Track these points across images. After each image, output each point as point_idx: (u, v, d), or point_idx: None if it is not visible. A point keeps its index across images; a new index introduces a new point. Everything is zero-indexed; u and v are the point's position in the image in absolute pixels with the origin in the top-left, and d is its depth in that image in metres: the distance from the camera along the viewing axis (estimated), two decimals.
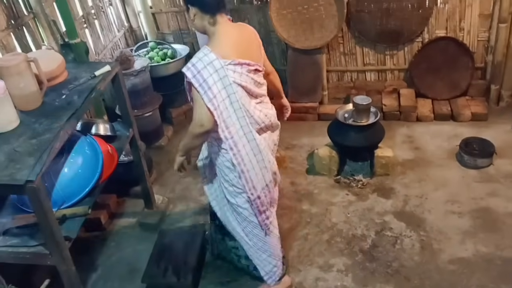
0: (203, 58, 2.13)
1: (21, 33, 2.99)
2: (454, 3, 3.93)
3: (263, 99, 2.40)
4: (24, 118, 2.26)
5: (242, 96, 2.21)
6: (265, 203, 2.44)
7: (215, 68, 2.12)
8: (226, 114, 2.20)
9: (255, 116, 2.30)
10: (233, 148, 2.26)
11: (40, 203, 1.95)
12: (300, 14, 3.99)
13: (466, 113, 3.98)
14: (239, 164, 2.29)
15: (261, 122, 2.34)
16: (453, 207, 3.15)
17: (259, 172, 2.34)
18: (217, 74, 2.12)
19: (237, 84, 2.18)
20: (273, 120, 2.44)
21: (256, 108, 2.33)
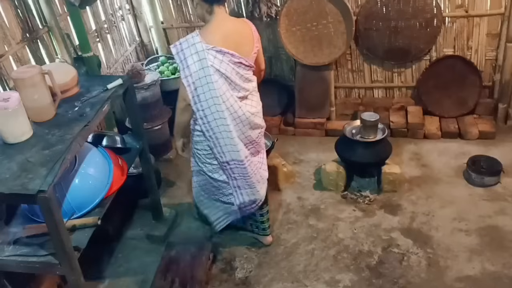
0: (189, 40, 2.44)
1: (36, 46, 3.05)
2: (462, 22, 3.97)
3: (247, 95, 2.64)
4: (37, 129, 2.29)
5: (218, 81, 2.45)
6: (235, 172, 2.70)
7: (196, 50, 2.41)
8: (201, 91, 2.47)
9: (231, 107, 2.53)
10: (203, 118, 2.55)
11: (51, 213, 1.97)
12: (309, 31, 4.04)
13: (474, 131, 3.99)
14: (207, 131, 2.58)
15: (236, 117, 2.57)
16: (460, 225, 3.14)
17: (225, 146, 2.61)
18: (197, 55, 2.41)
19: (215, 69, 2.43)
20: (252, 119, 2.64)
21: (237, 101, 2.56)
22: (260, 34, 4.32)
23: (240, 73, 2.53)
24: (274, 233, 3.22)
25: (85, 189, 2.39)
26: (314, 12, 3.95)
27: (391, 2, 3.92)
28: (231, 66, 2.47)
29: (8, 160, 2.08)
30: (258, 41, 2.66)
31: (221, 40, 2.44)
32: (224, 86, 2.48)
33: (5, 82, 2.74)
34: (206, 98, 2.48)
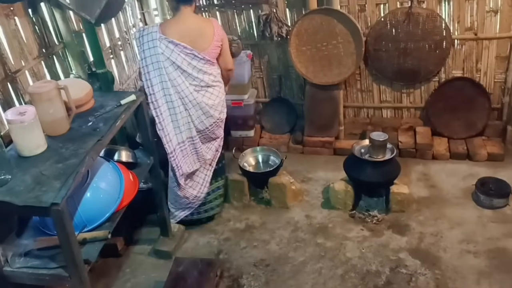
0: (149, 28, 2.91)
1: (51, 61, 3.11)
2: (471, 45, 4.00)
3: (205, 86, 3.00)
4: (52, 142, 2.33)
5: (168, 67, 2.87)
6: (179, 159, 3.08)
7: (152, 38, 2.85)
8: (153, 74, 2.89)
9: (182, 92, 2.93)
10: (154, 102, 2.95)
11: (63, 225, 2.00)
12: (319, 51, 4.09)
13: (482, 153, 3.99)
14: (157, 117, 2.96)
15: (188, 101, 2.96)
16: (468, 247, 3.13)
17: (173, 130, 3.01)
18: (152, 42, 2.85)
19: (166, 57, 2.85)
20: (208, 109, 3.04)
21: (188, 88, 2.94)
22: (271, 53, 4.45)
23: (193, 64, 2.91)
24: (281, 251, 3.22)
25: (96, 203, 2.42)
26: (324, 32, 4.01)
27: (401, 24, 3.97)
28: (182, 56, 2.88)
29: (22, 173, 2.12)
30: (220, 40, 3.02)
31: (176, 33, 2.87)
32: (175, 73, 2.90)
33: (21, 96, 2.80)
34: (157, 81, 2.91)
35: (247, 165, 3.82)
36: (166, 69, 2.88)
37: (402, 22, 3.96)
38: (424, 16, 3.90)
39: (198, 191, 3.38)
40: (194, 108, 3.02)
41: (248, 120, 4.45)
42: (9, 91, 2.73)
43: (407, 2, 3.91)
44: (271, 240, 3.34)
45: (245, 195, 3.71)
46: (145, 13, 4.46)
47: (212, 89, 3.07)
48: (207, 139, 3.24)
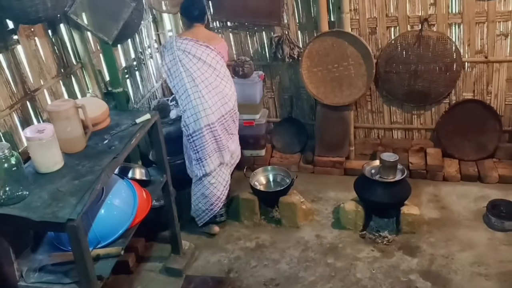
0: (169, 40, 3.50)
1: (69, 81, 3.20)
2: (481, 67, 4.03)
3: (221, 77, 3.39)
4: (68, 160, 2.39)
5: (183, 59, 3.29)
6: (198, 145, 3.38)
7: (171, 45, 3.34)
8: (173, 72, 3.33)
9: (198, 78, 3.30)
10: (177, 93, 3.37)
11: (78, 241, 2.04)
12: (330, 72, 4.15)
13: (493, 175, 3.99)
14: (180, 104, 3.37)
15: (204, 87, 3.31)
16: (480, 269, 3.11)
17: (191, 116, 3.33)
18: (171, 48, 3.33)
19: (182, 51, 3.29)
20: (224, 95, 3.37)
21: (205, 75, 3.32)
22: (282, 74, 4.52)
23: (207, 52, 3.31)
24: (291, 270, 3.23)
25: (110, 220, 2.47)
26: (336, 54, 4.07)
27: (411, 46, 4.02)
28: (195, 46, 3.29)
29: (39, 189, 2.17)
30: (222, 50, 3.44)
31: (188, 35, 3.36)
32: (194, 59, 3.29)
33: (39, 114, 2.87)
34: (176, 75, 3.32)
35: (258, 184, 3.85)
36: (183, 67, 3.28)
37: (413, 45, 4.01)
38: (435, 39, 3.95)
39: (221, 192, 3.54)
40: (211, 92, 3.31)
41: (259, 140, 4.49)
42: (28, 109, 2.81)
43: (418, 25, 3.96)
44: (282, 259, 3.35)
45: (256, 214, 3.73)
46: (160, 34, 4.56)
47: (225, 80, 3.41)
48: (225, 131, 3.45)
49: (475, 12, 3.84)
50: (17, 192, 2.09)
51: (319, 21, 4.04)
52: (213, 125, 3.33)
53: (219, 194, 3.54)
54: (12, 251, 2.26)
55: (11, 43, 2.68)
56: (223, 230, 3.67)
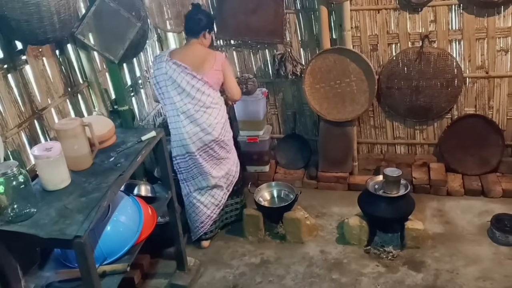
0: (161, 53, 3.43)
1: (76, 99, 3.25)
2: (482, 82, 4.07)
3: (203, 106, 3.30)
4: (75, 177, 2.42)
5: (169, 86, 3.24)
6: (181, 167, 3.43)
7: (161, 60, 3.28)
8: (163, 87, 3.29)
9: (183, 107, 3.27)
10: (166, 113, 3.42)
11: (85, 258, 2.06)
12: (333, 89, 4.19)
13: (497, 189, 3.99)
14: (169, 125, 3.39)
15: (188, 115, 3.28)
16: (485, 284, 3.11)
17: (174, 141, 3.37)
18: (160, 64, 3.27)
19: (169, 76, 3.24)
20: (205, 127, 3.32)
21: (187, 105, 3.27)
22: (285, 91, 4.57)
23: (192, 83, 3.24)
24: (297, 286, 3.23)
25: (116, 236, 2.49)
26: (338, 71, 4.12)
27: (412, 62, 4.07)
28: (183, 75, 3.23)
29: (47, 206, 2.20)
30: (220, 66, 3.33)
31: (180, 57, 3.27)
32: (174, 91, 3.25)
33: (46, 133, 2.92)
34: (163, 92, 3.30)
35: (262, 200, 3.87)
36: (168, 87, 3.26)
37: (414, 61, 4.06)
38: (436, 55, 3.99)
39: (212, 211, 3.61)
40: (192, 124, 3.30)
41: (263, 156, 4.52)
42: (36, 127, 2.86)
43: (419, 42, 4.01)
44: (287, 275, 3.36)
45: (260, 230, 3.74)
46: None
47: (210, 110, 3.33)
48: (211, 157, 3.44)
49: (475, 28, 3.89)
50: (25, 210, 2.13)
51: (321, 38, 4.10)
52: (193, 154, 3.36)
53: (209, 212, 3.59)
54: (19, 268, 2.28)
55: (19, 63, 2.74)
56: (227, 246, 3.68)
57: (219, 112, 3.38)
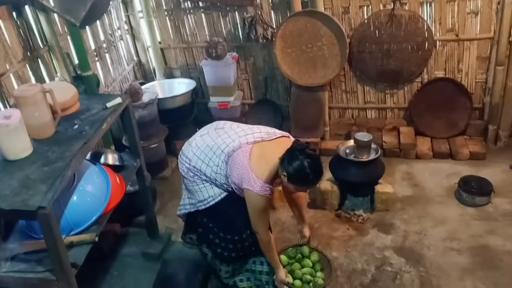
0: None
1: (36, 64, 3.10)
2: (452, 46, 4.07)
3: None
4: (37, 146, 2.33)
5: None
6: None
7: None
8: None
9: None
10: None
11: (50, 229, 2.00)
12: (304, 53, 4.13)
13: (465, 152, 4.07)
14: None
15: None
16: (452, 244, 3.19)
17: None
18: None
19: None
20: None
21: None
22: (256, 56, 4.49)
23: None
24: None
25: (83, 206, 2.43)
26: (309, 34, 4.05)
27: (384, 25, 4.03)
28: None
29: (8, 177, 2.12)
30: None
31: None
32: None
33: (5, 100, 2.79)
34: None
35: None
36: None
37: (385, 24, 4.02)
38: (407, 18, 3.96)
39: None
40: None
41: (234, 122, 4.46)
42: None
43: (390, 4, 3.96)
44: None
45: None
46: (130, 15, 4.47)
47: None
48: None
49: None
50: None
51: (292, 0, 4.00)
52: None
53: None
54: None
55: None
56: None
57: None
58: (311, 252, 2.98)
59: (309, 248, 3.00)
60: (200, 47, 4.60)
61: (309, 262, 2.92)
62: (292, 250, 3.00)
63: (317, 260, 2.94)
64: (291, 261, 2.93)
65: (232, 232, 2.61)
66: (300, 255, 2.96)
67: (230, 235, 2.61)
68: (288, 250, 3.00)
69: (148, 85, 4.40)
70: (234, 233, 2.61)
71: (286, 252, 2.99)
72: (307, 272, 2.84)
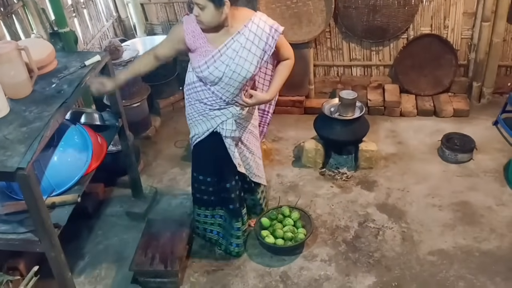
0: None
1: (11, 21, 2.98)
2: (439, 1, 4.01)
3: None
4: (14, 106, 2.26)
5: None
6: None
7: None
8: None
9: None
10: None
11: (30, 190, 1.97)
12: (289, 9, 4.03)
13: (448, 109, 4.08)
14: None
15: None
16: (433, 201, 3.24)
17: None
18: None
19: None
20: None
21: None
22: None
23: None
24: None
25: (64, 167, 2.39)
26: None
27: None
28: None
29: None
30: None
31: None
32: None
33: None
34: None
35: None
36: None
37: None
38: None
39: None
40: None
41: None
42: None
43: None
44: None
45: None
46: None
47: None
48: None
49: None
50: None
51: None
52: None
53: None
54: None
55: None
56: (184, 173, 3.64)
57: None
58: (292, 211, 3.04)
59: (289, 207, 3.08)
60: (181, 2, 4.45)
61: (290, 221, 3.00)
62: (273, 212, 3.05)
63: (298, 217, 3.01)
64: (273, 223, 2.99)
65: (199, 172, 2.76)
66: (281, 215, 3.03)
67: (196, 174, 2.77)
68: (269, 213, 3.06)
69: (129, 42, 4.28)
70: (199, 173, 2.76)
71: (267, 214, 3.04)
72: (288, 230, 2.92)
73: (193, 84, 2.53)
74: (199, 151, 2.73)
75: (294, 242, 2.87)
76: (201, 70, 2.41)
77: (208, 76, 2.41)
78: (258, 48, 2.39)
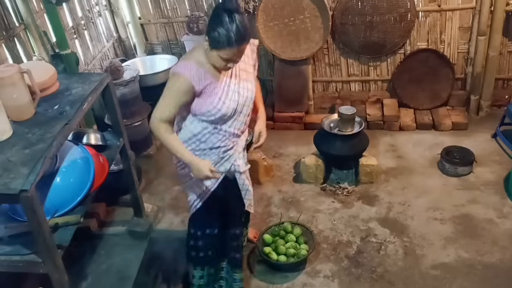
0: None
1: (13, 43, 3.02)
2: (435, 16, 4.06)
3: None
4: (17, 128, 2.28)
5: None
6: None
7: None
8: None
9: None
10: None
11: (33, 212, 1.98)
12: (287, 26, 4.08)
13: (447, 123, 4.10)
14: None
15: None
16: (435, 214, 3.24)
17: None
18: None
19: None
20: None
21: None
22: None
23: None
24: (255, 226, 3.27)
25: (67, 187, 2.40)
26: (291, 7, 4.00)
27: None
28: None
29: None
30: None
31: None
32: None
33: None
34: None
35: None
36: None
37: None
38: None
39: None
40: None
41: None
42: None
43: None
44: None
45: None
46: None
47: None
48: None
49: None
50: None
51: None
52: None
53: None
54: None
55: None
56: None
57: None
58: (294, 227, 3.05)
59: (291, 223, 3.09)
60: (181, 22, 4.52)
61: (292, 236, 3.00)
62: (275, 228, 3.06)
63: (300, 233, 3.02)
64: (275, 239, 2.99)
65: (209, 225, 2.58)
66: (283, 232, 3.04)
67: (202, 231, 2.58)
68: (271, 229, 3.06)
69: (129, 62, 4.34)
70: (208, 226, 2.58)
71: (269, 231, 3.05)
72: (290, 246, 2.92)
73: (200, 133, 2.34)
74: (210, 205, 2.50)
75: (297, 259, 2.87)
76: (218, 109, 2.23)
77: (226, 112, 2.25)
78: (249, 64, 2.38)
